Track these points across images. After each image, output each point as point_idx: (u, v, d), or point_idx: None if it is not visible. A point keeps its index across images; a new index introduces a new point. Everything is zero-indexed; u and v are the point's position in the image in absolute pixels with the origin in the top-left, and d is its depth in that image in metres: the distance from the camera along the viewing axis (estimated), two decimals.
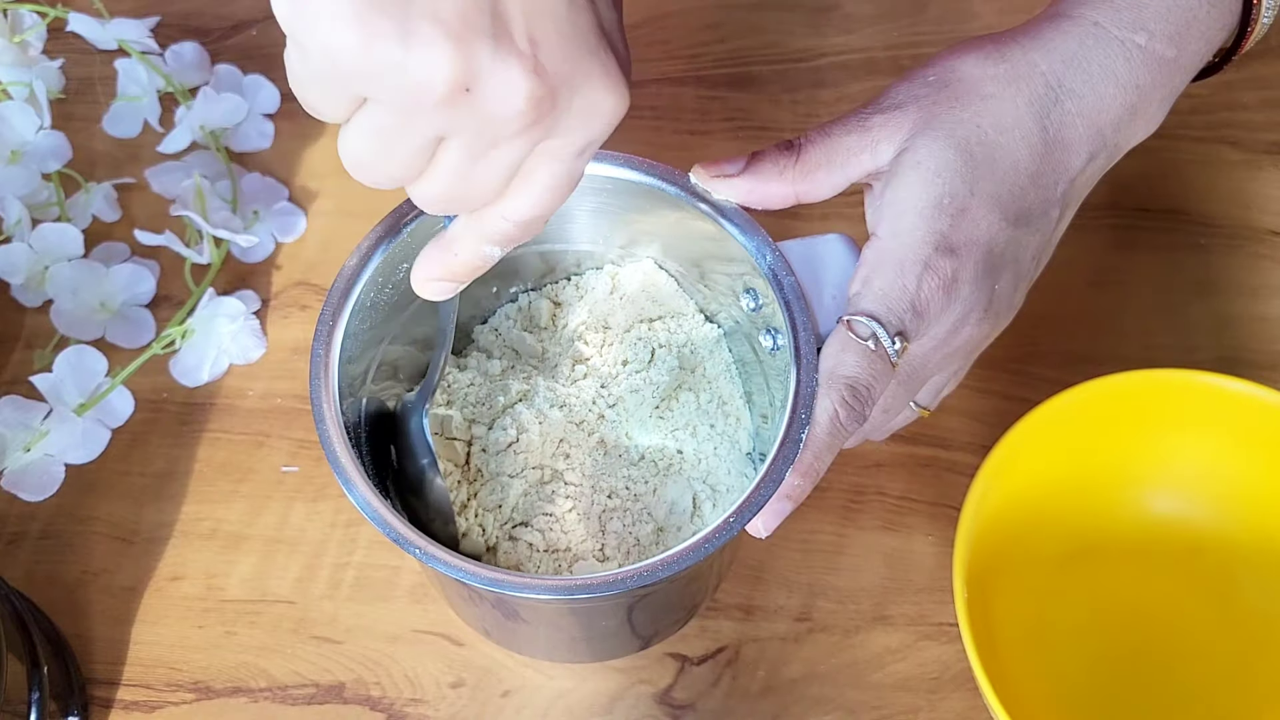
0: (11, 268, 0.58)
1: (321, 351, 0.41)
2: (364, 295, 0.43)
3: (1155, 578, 0.51)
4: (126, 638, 0.52)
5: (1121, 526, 0.52)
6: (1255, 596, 0.50)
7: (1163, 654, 0.50)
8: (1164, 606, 0.51)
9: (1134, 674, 0.50)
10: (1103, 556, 0.52)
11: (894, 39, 0.65)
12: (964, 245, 0.40)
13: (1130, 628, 0.51)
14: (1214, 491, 0.51)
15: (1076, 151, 0.42)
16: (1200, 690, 0.49)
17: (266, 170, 0.62)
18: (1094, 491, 0.51)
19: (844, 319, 0.41)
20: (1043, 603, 0.50)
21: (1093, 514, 0.52)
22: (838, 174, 0.42)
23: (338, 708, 0.50)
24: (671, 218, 0.45)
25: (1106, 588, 0.51)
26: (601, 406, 0.47)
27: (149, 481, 0.55)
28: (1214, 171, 0.62)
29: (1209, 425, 0.50)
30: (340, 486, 0.39)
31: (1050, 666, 0.49)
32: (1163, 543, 0.51)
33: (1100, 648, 0.50)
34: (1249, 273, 0.59)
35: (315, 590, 0.52)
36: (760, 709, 0.50)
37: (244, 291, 0.59)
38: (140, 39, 0.64)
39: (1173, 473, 0.51)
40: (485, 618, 0.47)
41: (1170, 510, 0.52)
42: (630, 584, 0.38)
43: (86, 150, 0.63)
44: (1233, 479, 0.50)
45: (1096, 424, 0.50)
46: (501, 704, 0.50)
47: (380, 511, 0.39)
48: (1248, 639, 0.50)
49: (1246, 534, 0.51)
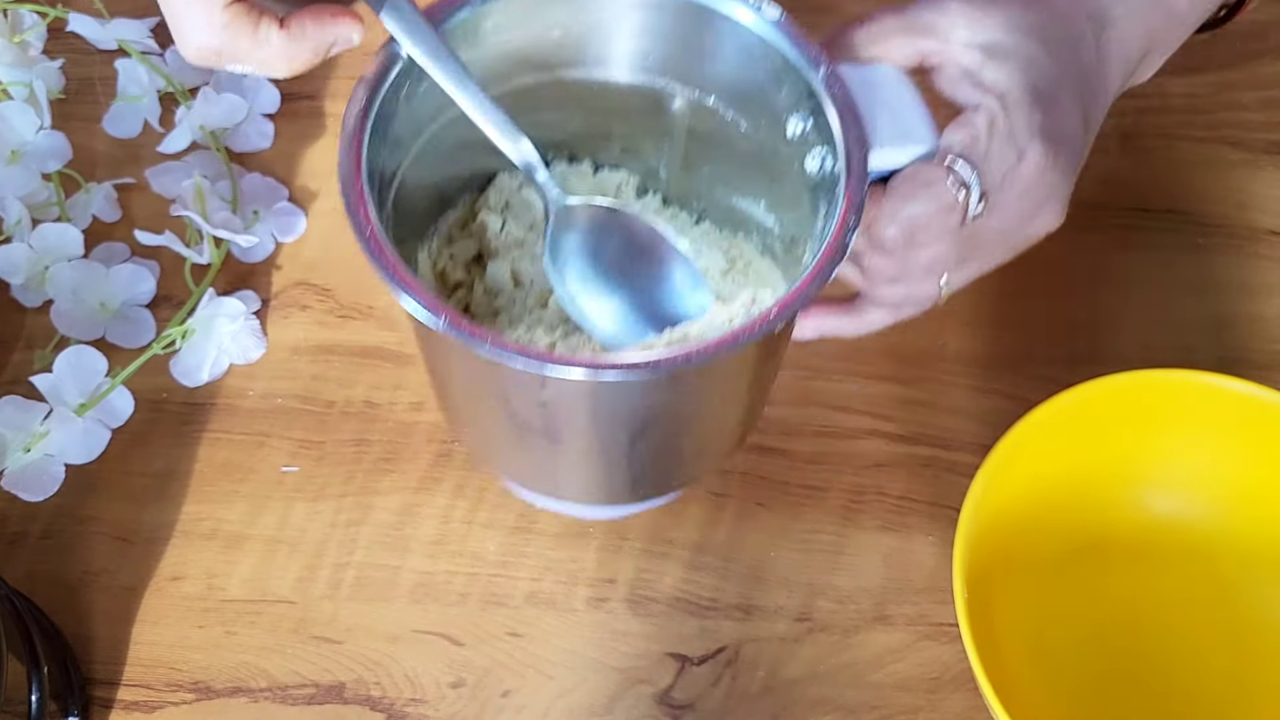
0: (12, 268, 0.58)
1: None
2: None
3: (1154, 577, 0.51)
4: (127, 638, 0.52)
5: (1121, 526, 0.52)
6: (1254, 596, 0.50)
7: (1162, 653, 0.50)
8: (1163, 606, 0.51)
9: (1133, 673, 0.50)
10: (1102, 556, 0.52)
11: None
12: (1061, 139, 0.42)
13: (1130, 627, 0.51)
14: (1213, 491, 0.51)
15: (1113, 77, 0.45)
16: (1199, 690, 0.49)
17: (266, 170, 0.62)
18: (1093, 491, 0.51)
19: (944, 158, 0.41)
20: (1043, 602, 0.51)
21: (1092, 513, 0.52)
22: (909, 46, 0.43)
23: (338, 708, 0.50)
24: (718, 38, 0.44)
25: (1106, 587, 0.51)
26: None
27: (149, 481, 0.55)
28: (1213, 171, 0.62)
29: (1208, 425, 0.50)
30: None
31: (1050, 666, 0.50)
32: (1162, 542, 0.52)
33: (1100, 647, 0.50)
34: (1248, 273, 0.59)
35: (315, 590, 0.52)
36: (760, 709, 0.50)
37: (244, 291, 0.59)
38: (140, 39, 0.64)
39: (1172, 472, 0.51)
40: (527, 444, 0.46)
41: (1169, 510, 0.52)
42: (682, 363, 0.37)
43: (87, 150, 0.63)
44: (1232, 479, 0.51)
45: (1096, 424, 0.50)
46: (502, 704, 0.50)
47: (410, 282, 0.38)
48: (1246, 639, 0.50)
49: (1246, 534, 0.51)
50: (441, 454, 0.55)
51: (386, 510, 0.54)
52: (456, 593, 0.52)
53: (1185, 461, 0.51)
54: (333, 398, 0.57)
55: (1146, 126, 0.63)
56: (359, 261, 0.60)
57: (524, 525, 0.54)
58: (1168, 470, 0.51)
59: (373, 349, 0.58)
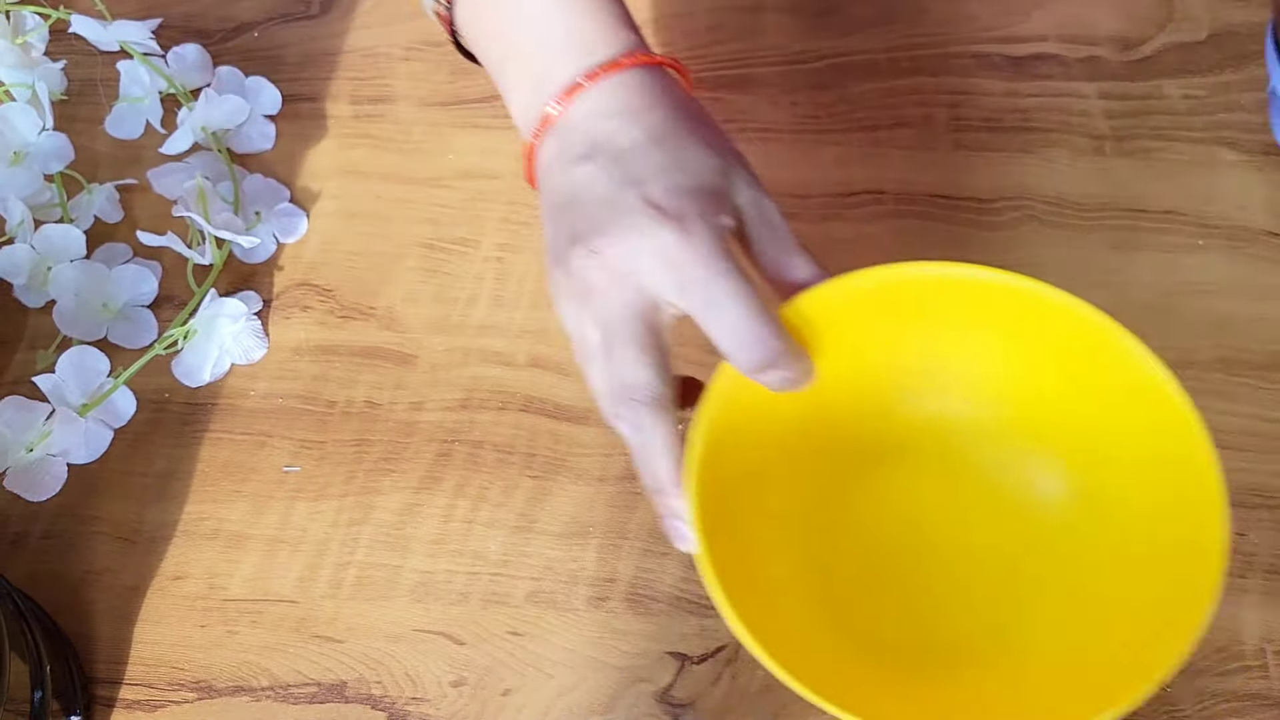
0: (14, 268, 0.58)
1: None
2: None
3: (925, 478, 0.49)
4: (129, 637, 0.52)
5: (890, 429, 0.50)
6: (1018, 479, 0.49)
7: (939, 549, 0.48)
8: (936, 504, 0.49)
9: (906, 571, 0.48)
10: (869, 459, 0.49)
11: (894, 41, 0.66)
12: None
13: (901, 527, 0.49)
14: (981, 387, 0.49)
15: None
16: (976, 580, 0.48)
17: (268, 171, 0.62)
18: (857, 396, 0.49)
19: None
20: (807, 511, 0.48)
21: (856, 419, 0.49)
22: None
23: (339, 707, 0.50)
24: None
25: (872, 490, 0.49)
26: None
27: (151, 481, 0.55)
28: (1212, 172, 0.62)
29: (973, 323, 0.47)
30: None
31: (819, 577, 0.47)
32: (933, 441, 0.49)
33: (871, 550, 0.48)
34: (1247, 273, 0.59)
35: (317, 590, 0.53)
36: (760, 708, 0.50)
37: (246, 292, 0.59)
38: (142, 41, 0.64)
39: (938, 372, 0.49)
40: None
41: (938, 410, 0.49)
42: None
43: (89, 151, 0.63)
44: (990, 373, 0.48)
45: (842, 330, 0.46)
46: (502, 703, 0.50)
47: None
48: (1018, 525, 0.48)
49: (1008, 421, 0.49)
50: (442, 454, 0.55)
51: (387, 510, 0.54)
52: (457, 592, 0.52)
53: (950, 360, 0.49)
54: (334, 398, 0.57)
55: (1145, 127, 0.63)
56: (360, 262, 0.61)
57: (524, 525, 0.54)
58: (933, 370, 0.49)
59: (374, 349, 0.58)
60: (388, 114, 0.64)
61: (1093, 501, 0.46)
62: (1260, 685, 0.50)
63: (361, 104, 0.64)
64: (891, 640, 0.47)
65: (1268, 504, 0.54)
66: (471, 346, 0.58)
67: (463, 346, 0.58)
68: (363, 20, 0.67)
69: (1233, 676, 0.50)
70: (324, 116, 0.64)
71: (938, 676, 0.46)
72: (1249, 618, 0.51)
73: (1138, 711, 0.47)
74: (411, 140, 0.63)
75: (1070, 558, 0.46)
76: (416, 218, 0.61)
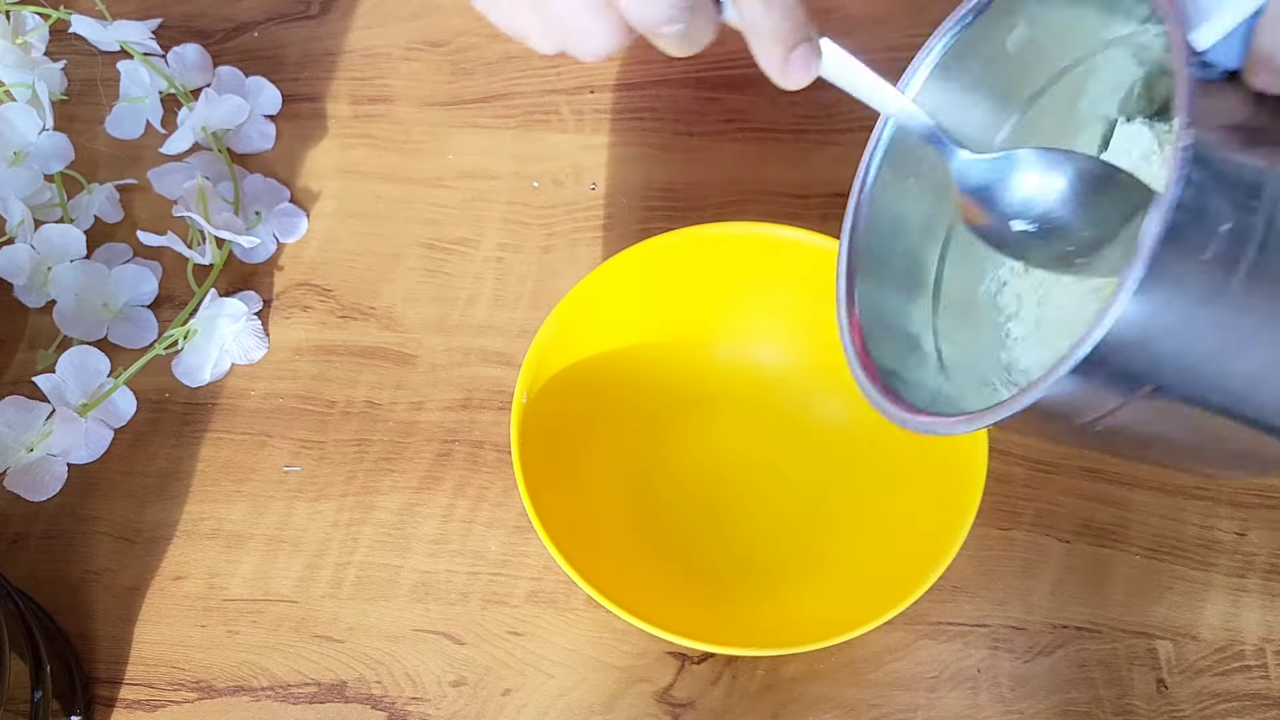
0: (14, 268, 0.58)
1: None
2: None
3: (739, 418, 0.55)
4: (129, 637, 0.52)
5: (707, 376, 0.55)
6: (820, 414, 0.54)
7: (754, 482, 0.54)
8: (750, 441, 0.54)
9: (726, 503, 0.53)
10: (692, 405, 0.55)
11: (894, 41, 0.65)
12: None
13: (720, 463, 0.54)
14: (782, 334, 0.54)
15: None
16: (787, 508, 0.53)
17: (268, 171, 0.62)
18: (676, 347, 0.54)
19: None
20: (634, 453, 0.54)
21: (676, 367, 0.54)
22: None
23: (339, 706, 0.50)
24: None
25: (696, 432, 0.54)
26: None
27: (151, 481, 0.55)
28: None
29: (777, 277, 0.53)
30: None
31: (644, 510, 0.53)
32: (745, 385, 0.55)
33: (691, 484, 0.53)
34: None
35: (317, 589, 0.53)
36: (760, 707, 0.50)
37: (246, 292, 0.59)
38: (142, 41, 0.64)
39: (741, 322, 0.55)
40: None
41: (750, 357, 0.55)
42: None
43: (89, 151, 0.63)
44: (800, 321, 0.54)
45: (664, 283, 0.53)
46: (502, 702, 0.50)
47: None
48: (820, 457, 0.54)
49: (808, 366, 0.54)
50: (442, 454, 0.55)
51: (387, 510, 0.54)
52: (457, 592, 0.52)
53: (753, 311, 0.54)
54: (334, 398, 0.57)
55: None
56: (360, 262, 0.61)
57: (524, 524, 0.54)
58: (735, 321, 0.55)
59: (374, 349, 0.58)
60: (388, 114, 0.64)
61: (875, 433, 0.49)
62: (1260, 685, 0.50)
63: (361, 104, 0.64)
64: (713, 567, 0.52)
65: (1267, 504, 0.54)
66: (471, 346, 0.58)
67: (463, 346, 0.58)
68: (363, 20, 0.67)
69: (1233, 676, 0.50)
70: (324, 116, 0.64)
71: (760, 597, 0.51)
72: (1249, 618, 0.52)
73: (1137, 710, 0.47)
74: (411, 140, 0.63)
75: (861, 484, 0.53)
76: (416, 218, 0.61)
